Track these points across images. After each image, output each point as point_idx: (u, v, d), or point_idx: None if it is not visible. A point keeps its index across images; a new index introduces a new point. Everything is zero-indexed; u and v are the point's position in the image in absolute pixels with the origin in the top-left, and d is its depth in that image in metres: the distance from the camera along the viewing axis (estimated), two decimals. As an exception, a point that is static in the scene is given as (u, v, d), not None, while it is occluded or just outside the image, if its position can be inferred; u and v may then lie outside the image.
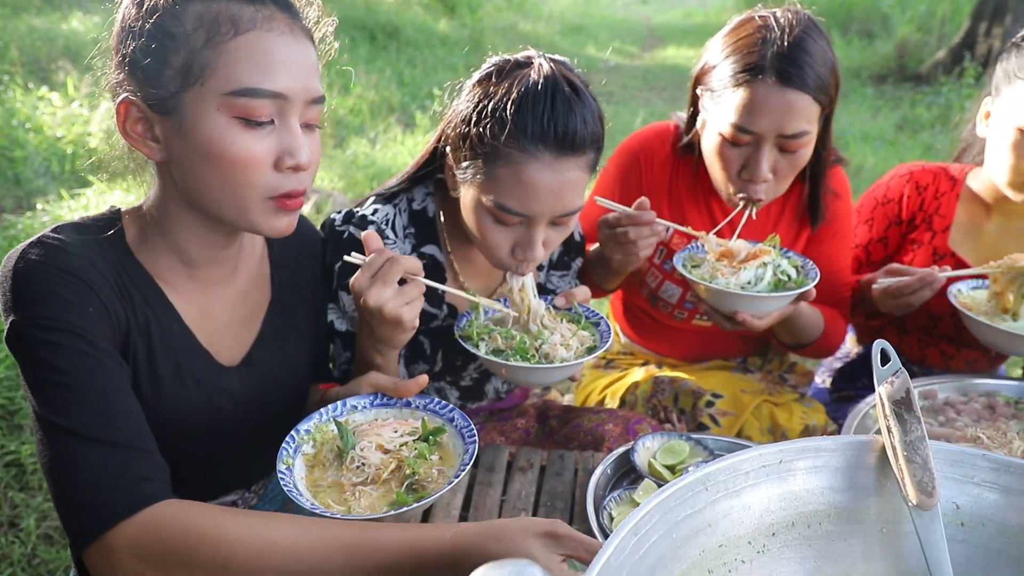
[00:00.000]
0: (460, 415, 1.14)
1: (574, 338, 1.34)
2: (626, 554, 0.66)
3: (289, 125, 1.05)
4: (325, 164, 5.51)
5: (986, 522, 0.78)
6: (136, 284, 1.10)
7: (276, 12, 1.05)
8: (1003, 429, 1.37)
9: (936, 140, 6.50)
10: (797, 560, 0.78)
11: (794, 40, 1.45)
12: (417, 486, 1.04)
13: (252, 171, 1.04)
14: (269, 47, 1.02)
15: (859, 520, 0.79)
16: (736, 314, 1.49)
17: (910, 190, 1.83)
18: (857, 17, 11.11)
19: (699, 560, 0.73)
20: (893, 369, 0.85)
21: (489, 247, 1.34)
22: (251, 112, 1.01)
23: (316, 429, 1.13)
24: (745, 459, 0.77)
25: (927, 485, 0.76)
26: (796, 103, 1.45)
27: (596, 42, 12.65)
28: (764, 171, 1.50)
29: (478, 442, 1.08)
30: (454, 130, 1.32)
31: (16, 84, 5.17)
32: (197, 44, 0.99)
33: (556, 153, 1.23)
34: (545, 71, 1.26)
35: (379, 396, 1.18)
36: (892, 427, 0.80)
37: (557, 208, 1.28)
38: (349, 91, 7.00)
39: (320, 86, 1.10)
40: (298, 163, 1.06)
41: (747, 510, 0.77)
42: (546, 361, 1.28)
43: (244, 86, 1.00)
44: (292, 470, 1.05)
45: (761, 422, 1.71)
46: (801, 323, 1.66)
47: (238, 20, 1.01)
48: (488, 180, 1.27)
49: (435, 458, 1.08)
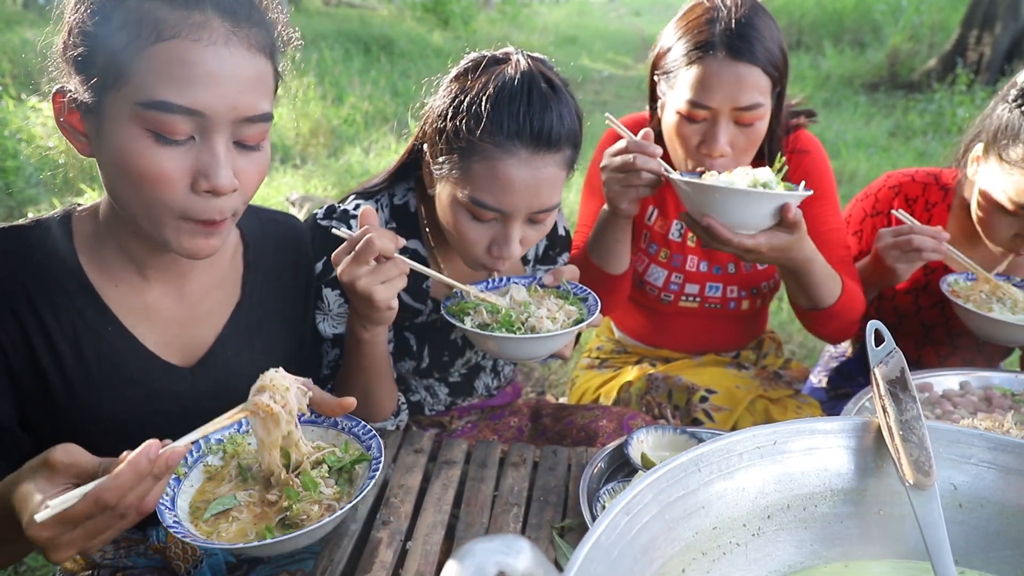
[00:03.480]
0: (377, 445, 1.04)
1: (560, 311, 1.33)
2: (618, 533, 0.64)
3: (210, 144, 0.96)
4: (319, 173, 5.51)
5: (985, 503, 0.77)
6: (65, 288, 1.08)
7: (213, 18, 0.95)
8: (1000, 420, 1.36)
9: (929, 146, 6.52)
10: (793, 543, 0.77)
11: (741, 17, 1.50)
12: (290, 521, 0.96)
13: (162, 189, 0.96)
14: (192, 58, 0.92)
15: (856, 502, 0.78)
16: (703, 218, 1.37)
17: (898, 204, 1.82)
18: (849, 27, 11.19)
19: (693, 542, 0.72)
20: (888, 349, 0.84)
21: (465, 244, 1.32)
22: (163, 127, 0.93)
23: (230, 440, 1.07)
24: (739, 440, 0.75)
25: (924, 464, 0.75)
26: (747, 76, 1.49)
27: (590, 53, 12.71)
28: (722, 143, 1.52)
29: (378, 478, 1.00)
30: (431, 126, 1.32)
31: (8, 95, 5.16)
32: (118, 45, 0.92)
33: (532, 149, 1.23)
34: (523, 67, 1.25)
35: (311, 414, 1.07)
36: (887, 407, 0.78)
37: (534, 204, 1.27)
38: (343, 101, 7.02)
39: (263, 103, 1.00)
40: (214, 187, 0.97)
41: (742, 492, 0.75)
42: (532, 334, 1.27)
43: (155, 99, 0.92)
44: (181, 482, 1.00)
45: (756, 417, 1.70)
46: (812, 275, 1.51)
47: (162, 25, 0.92)
48: (464, 175, 1.26)
49: (329, 491, 1.00)
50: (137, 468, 0.81)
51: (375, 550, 1.13)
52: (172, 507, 0.96)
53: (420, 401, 1.64)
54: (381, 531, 1.17)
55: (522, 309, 1.32)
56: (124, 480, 0.81)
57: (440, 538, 1.16)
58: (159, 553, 1.27)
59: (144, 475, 0.82)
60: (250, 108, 0.98)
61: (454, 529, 1.19)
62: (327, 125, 6.36)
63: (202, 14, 0.94)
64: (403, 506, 1.22)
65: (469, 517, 1.21)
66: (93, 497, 0.80)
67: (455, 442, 1.40)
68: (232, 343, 1.22)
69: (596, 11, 20.57)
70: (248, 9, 0.99)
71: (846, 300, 1.60)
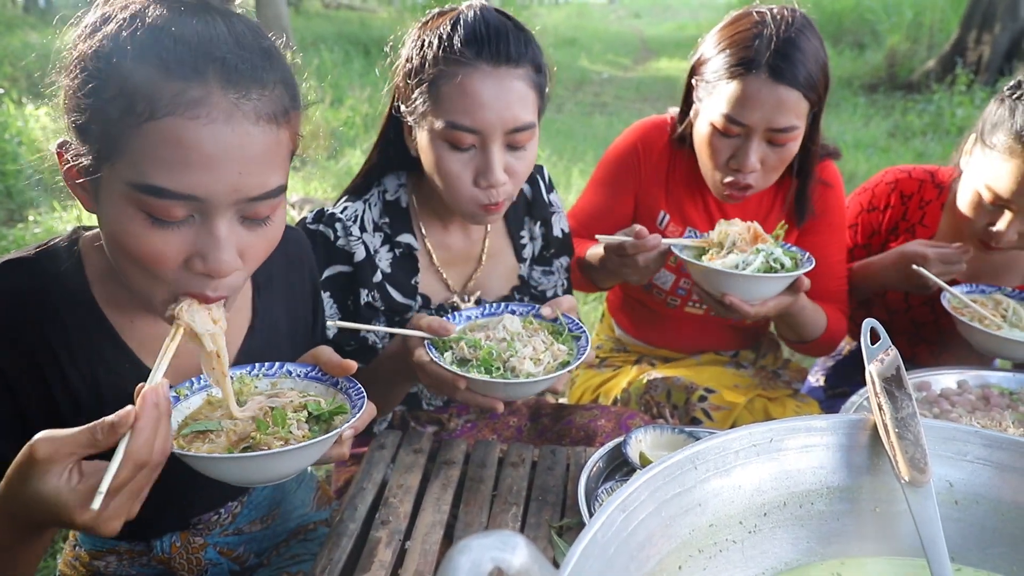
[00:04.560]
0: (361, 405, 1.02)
1: (547, 352, 1.26)
2: (614, 530, 0.64)
3: (211, 226, 0.89)
4: (319, 175, 5.52)
5: (980, 500, 0.77)
6: (82, 325, 1.02)
7: (214, 91, 0.84)
8: (998, 419, 1.36)
9: (928, 147, 6.52)
10: (789, 540, 0.77)
11: (788, 37, 1.48)
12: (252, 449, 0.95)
13: (156, 268, 0.90)
14: (188, 139, 0.83)
15: (852, 499, 0.78)
16: (724, 296, 1.45)
17: (894, 199, 1.85)
18: (848, 28, 11.21)
19: (689, 539, 0.72)
20: (883, 347, 0.84)
21: (451, 183, 1.34)
22: (157, 212, 0.86)
23: (238, 379, 1.07)
24: (735, 438, 0.76)
25: (919, 462, 0.75)
26: (787, 99, 1.48)
27: (590, 55, 12.73)
28: (752, 162, 1.53)
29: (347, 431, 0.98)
30: (400, 74, 1.38)
31: (9, 99, 5.18)
32: (112, 116, 0.84)
33: (492, 62, 1.28)
34: (481, 4, 1.35)
35: (315, 369, 1.11)
36: (883, 404, 0.79)
37: (507, 120, 1.29)
38: (343, 104, 7.03)
39: (272, 177, 0.91)
40: (211, 271, 0.90)
41: (738, 489, 0.75)
42: (511, 375, 1.21)
43: (148, 182, 0.84)
44: (179, 400, 1.00)
45: (755, 416, 1.71)
46: (803, 319, 1.65)
47: (157, 100, 0.82)
48: (436, 105, 1.30)
49: (299, 432, 0.99)
50: (153, 419, 0.81)
51: (374, 550, 1.13)
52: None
53: (417, 393, 1.65)
54: (380, 530, 1.17)
55: (506, 347, 1.25)
56: (148, 434, 0.81)
57: (439, 537, 1.16)
58: (163, 564, 1.26)
59: (160, 421, 0.82)
60: (256, 187, 0.89)
61: (453, 528, 1.20)
62: (327, 127, 6.37)
63: (202, 87, 0.84)
64: (402, 506, 1.23)
65: (468, 516, 1.21)
66: (132, 462, 0.80)
67: (454, 442, 1.40)
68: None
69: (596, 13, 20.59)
70: (258, 71, 0.88)
71: (829, 333, 1.73)
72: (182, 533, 1.26)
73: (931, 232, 1.81)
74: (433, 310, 1.53)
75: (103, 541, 1.27)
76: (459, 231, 1.55)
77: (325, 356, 1.08)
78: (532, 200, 1.63)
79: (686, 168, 1.76)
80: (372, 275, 1.46)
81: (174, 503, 1.01)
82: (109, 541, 1.26)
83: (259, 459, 0.91)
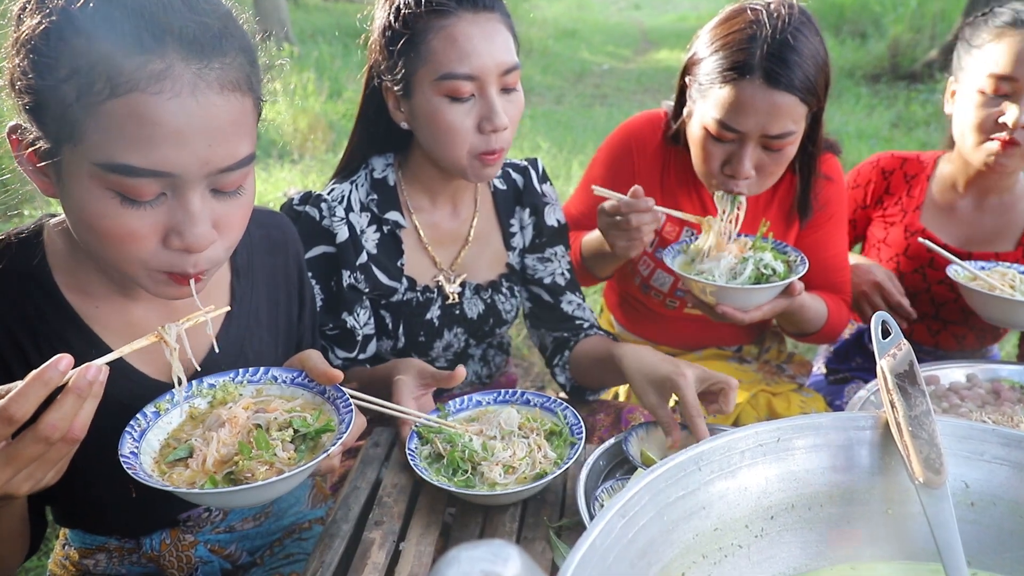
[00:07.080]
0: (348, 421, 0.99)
1: (527, 457, 1.18)
2: (613, 537, 0.61)
3: (184, 201, 0.87)
4: (317, 168, 5.49)
5: (998, 501, 0.74)
6: (43, 314, 1.00)
7: (176, 63, 0.81)
8: (1009, 414, 1.33)
9: (931, 137, 6.47)
10: (798, 544, 0.74)
11: (784, 38, 1.41)
12: (235, 477, 0.94)
13: (132, 247, 0.87)
14: (154, 115, 0.80)
15: (863, 501, 0.75)
16: (717, 306, 1.46)
17: (875, 175, 1.96)
18: (849, 18, 11.13)
19: (693, 545, 0.69)
20: (895, 342, 0.81)
21: (453, 137, 1.32)
22: (127, 191, 0.83)
23: (222, 387, 1.05)
24: (740, 437, 0.72)
25: (934, 462, 0.71)
26: (782, 104, 1.42)
27: (590, 46, 12.65)
28: (746, 168, 1.49)
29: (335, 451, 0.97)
30: (379, 43, 1.36)
31: (3, 92, 5.13)
32: (69, 98, 0.80)
33: (472, 8, 1.29)
34: None
35: (301, 375, 1.08)
36: (896, 401, 0.75)
37: (500, 62, 1.30)
38: (341, 96, 6.99)
39: (242, 146, 0.89)
40: (188, 246, 0.88)
41: (744, 492, 0.72)
42: (478, 480, 1.15)
43: (115, 161, 0.81)
44: (160, 416, 0.98)
45: (758, 411, 1.68)
46: (804, 316, 1.64)
47: (116, 78, 0.79)
48: (426, 60, 1.30)
49: (284, 455, 0.96)
50: (42, 377, 0.76)
51: (367, 551, 1.10)
52: (138, 439, 0.94)
53: None
54: (374, 531, 1.14)
55: (484, 450, 1.18)
56: (29, 389, 0.75)
57: (434, 539, 1.13)
58: (153, 562, 1.24)
59: (51, 386, 0.76)
60: (227, 158, 0.87)
61: (449, 529, 1.17)
62: (325, 120, 6.33)
63: (162, 59, 0.81)
64: (396, 506, 1.19)
65: (464, 517, 1.18)
66: (43, 434, 0.76)
67: (451, 439, 1.37)
68: (224, 355, 1.15)
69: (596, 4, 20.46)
70: (218, 39, 0.85)
71: (830, 324, 1.71)
72: (172, 530, 1.23)
73: (918, 202, 1.88)
74: (419, 292, 1.50)
75: (92, 539, 1.25)
76: (447, 209, 1.53)
77: (312, 362, 1.06)
78: (523, 188, 1.61)
79: (680, 165, 1.72)
80: (356, 257, 1.44)
81: (159, 498, 0.98)
82: (99, 539, 1.24)
83: (243, 492, 0.90)
